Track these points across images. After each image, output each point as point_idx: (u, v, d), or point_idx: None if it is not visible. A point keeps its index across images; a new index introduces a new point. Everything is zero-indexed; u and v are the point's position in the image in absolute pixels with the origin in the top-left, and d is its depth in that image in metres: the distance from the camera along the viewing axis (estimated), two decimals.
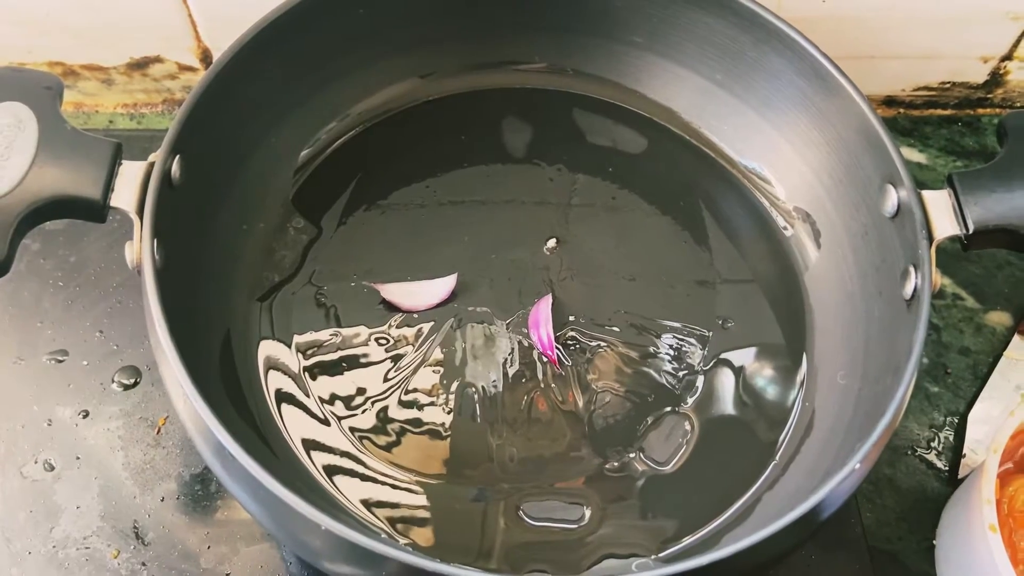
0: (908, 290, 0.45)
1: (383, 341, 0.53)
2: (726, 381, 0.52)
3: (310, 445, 0.49)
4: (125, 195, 0.43)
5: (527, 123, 0.60)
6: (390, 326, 0.53)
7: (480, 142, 0.59)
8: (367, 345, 0.53)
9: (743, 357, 0.53)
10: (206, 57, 0.67)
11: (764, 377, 0.52)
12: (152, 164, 0.44)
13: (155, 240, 0.43)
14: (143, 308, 0.58)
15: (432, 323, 0.54)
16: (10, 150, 0.41)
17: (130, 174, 0.44)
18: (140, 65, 0.67)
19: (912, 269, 0.45)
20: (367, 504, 0.48)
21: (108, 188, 0.43)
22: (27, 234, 0.43)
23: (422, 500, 0.48)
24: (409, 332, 0.53)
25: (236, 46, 0.48)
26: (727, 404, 0.51)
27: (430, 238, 0.56)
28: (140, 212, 0.43)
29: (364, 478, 0.49)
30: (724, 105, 0.57)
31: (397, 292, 0.54)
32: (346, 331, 0.53)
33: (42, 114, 0.43)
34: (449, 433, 0.50)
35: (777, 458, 0.49)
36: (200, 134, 0.47)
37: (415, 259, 0.55)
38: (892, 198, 0.47)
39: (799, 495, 0.44)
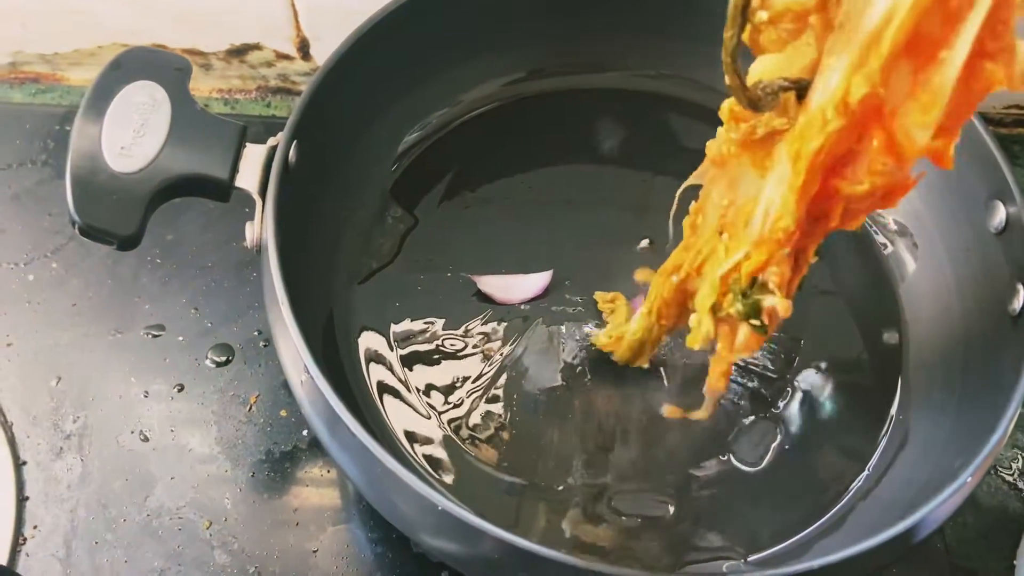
0: (1016, 306, 0.45)
1: (477, 333, 0.54)
2: (818, 389, 0.52)
3: (409, 434, 0.50)
4: (249, 176, 0.45)
5: (622, 125, 0.61)
6: (484, 319, 0.54)
7: (576, 142, 0.60)
8: (461, 337, 0.54)
9: (836, 366, 0.53)
10: (304, 46, 0.68)
11: (857, 387, 0.52)
12: (273, 147, 0.46)
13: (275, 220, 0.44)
14: (237, 288, 0.61)
15: (525, 318, 0.54)
16: (145, 128, 0.43)
17: (253, 156, 0.45)
18: (239, 52, 0.69)
19: (1020, 286, 0.45)
20: (454, 488, 0.49)
21: (234, 169, 0.44)
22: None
23: (512, 493, 0.49)
24: (502, 325, 0.54)
25: (354, 36, 0.49)
26: (818, 412, 0.51)
27: (523, 234, 0.57)
28: (263, 193, 0.44)
29: (452, 466, 0.50)
30: None
31: (493, 284, 0.55)
32: (441, 321, 0.54)
33: (174, 94, 0.44)
34: (541, 429, 0.51)
35: (870, 469, 0.49)
36: (315, 120, 0.48)
37: (508, 254, 0.56)
38: (1000, 214, 0.47)
39: (894, 507, 0.45)
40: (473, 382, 0.52)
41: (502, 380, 0.52)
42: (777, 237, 0.38)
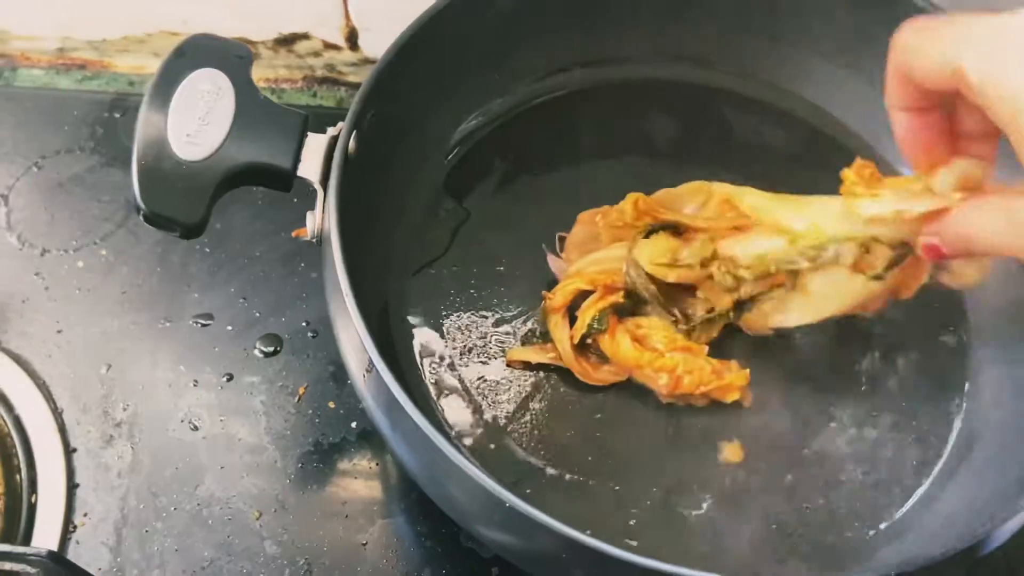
0: None
1: (534, 331, 0.53)
2: (878, 395, 0.51)
3: (462, 428, 0.50)
4: (311, 166, 0.44)
5: (678, 118, 0.60)
6: (536, 314, 0.53)
7: (630, 135, 0.59)
8: (513, 333, 0.53)
9: (896, 373, 0.52)
10: (352, 36, 0.68)
11: (920, 390, 0.51)
12: (334, 137, 0.45)
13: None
14: (285, 278, 0.61)
15: None
16: (210, 116, 0.43)
17: (315, 146, 0.45)
18: (287, 41, 0.69)
19: None
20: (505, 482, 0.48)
21: (297, 158, 0.44)
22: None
23: (566, 490, 0.48)
24: None
25: (415, 26, 0.48)
26: (880, 418, 0.50)
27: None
28: (324, 183, 0.44)
29: (504, 460, 0.49)
30: (884, 109, 0.56)
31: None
32: (493, 316, 0.53)
33: (237, 82, 0.44)
34: (600, 427, 0.50)
35: (934, 475, 0.48)
36: (374, 109, 0.47)
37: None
38: None
39: (958, 516, 0.44)
40: (526, 379, 0.51)
41: (556, 377, 0.52)
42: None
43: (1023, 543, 0.53)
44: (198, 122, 0.42)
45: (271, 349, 0.59)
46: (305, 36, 0.68)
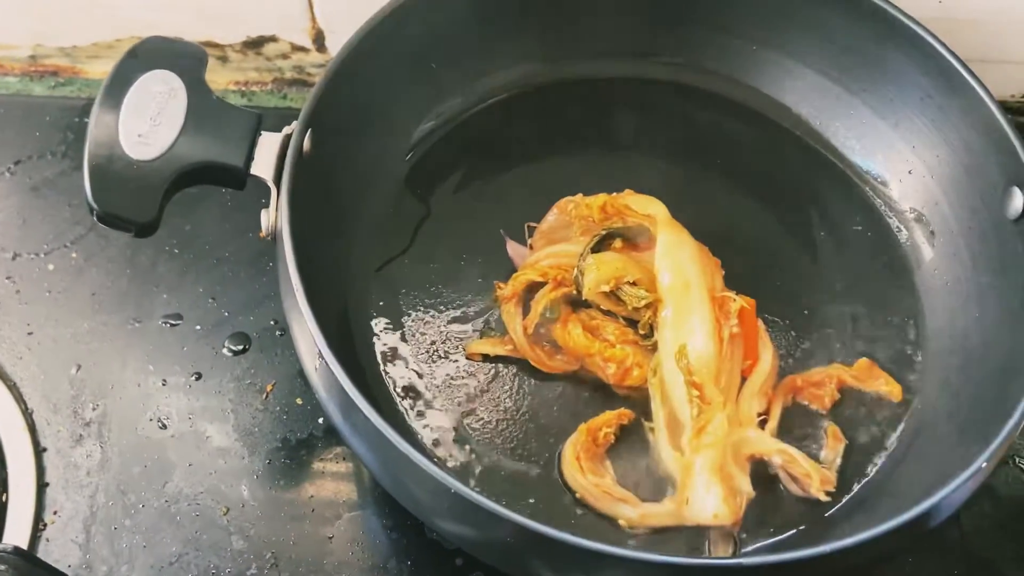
0: None
1: (490, 324, 0.54)
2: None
3: (422, 423, 0.51)
4: (264, 164, 0.45)
5: (636, 114, 0.61)
6: (497, 309, 0.54)
7: (590, 130, 0.60)
8: (473, 327, 0.54)
9: (851, 353, 0.52)
10: (319, 38, 0.68)
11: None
12: (288, 136, 0.46)
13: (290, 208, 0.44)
14: (254, 278, 0.61)
15: None
16: (162, 116, 0.43)
17: (268, 144, 0.45)
18: (255, 44, 0.69)
19: None
20: (467, 476, 0.49)
21: (250, 157, 0.45)
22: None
23: (523, 481, 0.49)
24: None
25: (368, 26, 0.50)
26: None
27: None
28: (277, 181, 0.45)
29: (465, 453, 0.50)
30: (839, 102, 0.57)
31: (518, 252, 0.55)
32: (453, 312, 0.54)
33: (190, 83, 0.45)
34: (555, 417, 0.51)
35: (886, 456, 0.49)
36: (330, 109, 0.48)
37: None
38: (1018, 201, 0.47)
39: (911, 494, 0.44)
40: (485, 371, 0.52)
41: (514, 369, 0.52)
42: None
43: (980, 525, 0.54)
44: (150, 122, 0.43)
45: (239, 348, 0.59)
46: (273, 39, 0.69)
